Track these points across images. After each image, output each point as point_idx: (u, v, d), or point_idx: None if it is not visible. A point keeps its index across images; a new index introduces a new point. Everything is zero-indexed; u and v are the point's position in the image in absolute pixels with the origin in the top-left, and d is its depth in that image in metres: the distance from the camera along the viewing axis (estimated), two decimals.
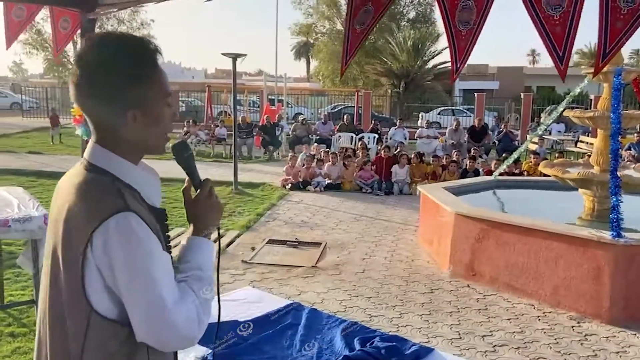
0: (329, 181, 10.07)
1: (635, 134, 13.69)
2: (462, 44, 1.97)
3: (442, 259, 5.66)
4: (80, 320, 1.15)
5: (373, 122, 17.15)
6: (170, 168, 2.80)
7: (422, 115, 23.93)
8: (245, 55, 9.98)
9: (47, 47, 36.89)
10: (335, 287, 5.02)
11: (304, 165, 10.39)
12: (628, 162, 8.59)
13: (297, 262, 5.73)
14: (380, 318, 4.34)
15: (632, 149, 12.66)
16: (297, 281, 5.15)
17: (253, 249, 6.11)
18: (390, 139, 14.83)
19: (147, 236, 1.15)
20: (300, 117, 17.27)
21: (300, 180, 10.03)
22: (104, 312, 1.16)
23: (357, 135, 14.62)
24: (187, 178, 1.34)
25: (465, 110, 24.83)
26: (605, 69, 5.51)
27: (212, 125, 15.90)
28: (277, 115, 16.15)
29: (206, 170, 12.04)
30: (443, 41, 35.83)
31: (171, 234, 1.36)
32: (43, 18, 25.78)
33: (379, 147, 12.44)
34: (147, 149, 1.28)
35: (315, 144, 13.36)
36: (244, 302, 2.92)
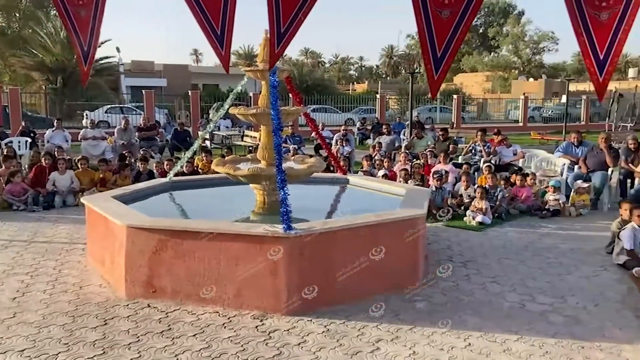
0: None
1: (289, 127, 15.46)
2: (84, 29, 2.32)
3: (117, 280, 4.94)
4: None
5: (24, 123, 14.55)
6: None
7: (86, 114, 21.88)
8: None
9: None
10: None
11: None
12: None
13: None
14: None
15: (288, 140, 14.20)
16: None
17: None
18: (48, 142, 12.84)
19: None
20: None
21: None
22: None
23: (2, 140, 12.10)
24: None
25: (135, 108, 23.83)
26: (261, 67, 5.76)
27: None
28: None
29: None
30: (104, 34, 33.69)
31: None
32: None
33: (32, 153, 10.54)
34: None
35: None
36: None
